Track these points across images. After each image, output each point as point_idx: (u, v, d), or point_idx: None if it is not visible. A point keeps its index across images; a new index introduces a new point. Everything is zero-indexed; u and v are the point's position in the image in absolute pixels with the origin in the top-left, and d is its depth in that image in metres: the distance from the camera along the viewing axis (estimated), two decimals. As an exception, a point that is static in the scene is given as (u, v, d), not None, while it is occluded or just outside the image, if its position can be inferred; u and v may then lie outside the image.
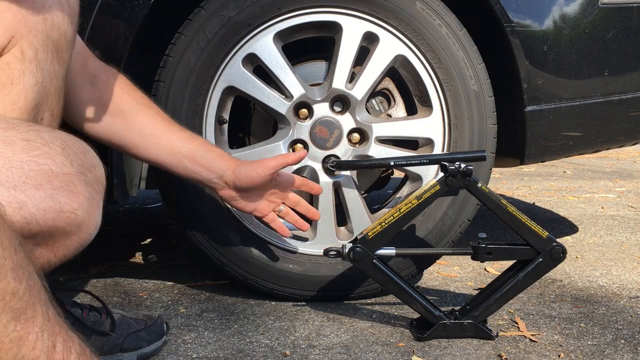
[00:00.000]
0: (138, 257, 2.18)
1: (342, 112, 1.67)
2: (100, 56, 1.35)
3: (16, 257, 0.63)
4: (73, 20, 1.07)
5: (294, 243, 1.69)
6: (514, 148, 1.83)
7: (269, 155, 1.65)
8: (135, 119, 1.34)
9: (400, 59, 1.67)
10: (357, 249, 1.44)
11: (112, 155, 1.62)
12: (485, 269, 2.04)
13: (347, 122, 1.67)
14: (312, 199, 1.70)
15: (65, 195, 0.87)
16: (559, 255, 1.45)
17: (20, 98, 0.99)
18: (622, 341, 1.46)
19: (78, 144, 0.96)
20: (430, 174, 1.69)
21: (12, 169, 0.82)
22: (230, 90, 1.64)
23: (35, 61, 0.99)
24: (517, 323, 1.55)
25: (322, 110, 1.66)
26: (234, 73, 1.63)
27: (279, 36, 1.64)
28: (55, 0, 1.03)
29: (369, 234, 1.45)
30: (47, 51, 1.01)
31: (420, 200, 1.45)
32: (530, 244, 1.45)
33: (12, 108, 0.98)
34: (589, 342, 1.45)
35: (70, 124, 1.30)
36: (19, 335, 0.62)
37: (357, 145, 1.69)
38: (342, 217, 1.71)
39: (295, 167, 1.66)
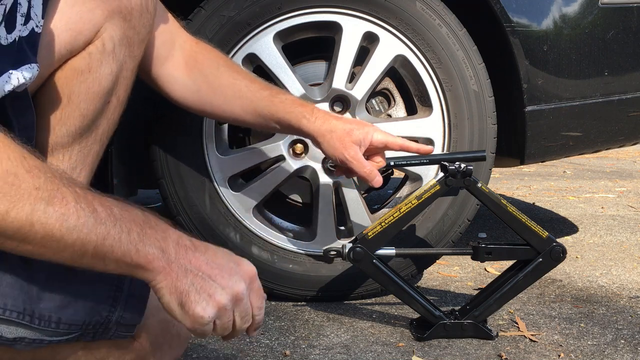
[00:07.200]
0: (138, 257, 2.17)
1: (342, 112, 1.67)
2: None
3: (26, 162, 0.72)
4: (149, 22, 1.19)
5: (294, 243, 1.69)
6: (514, 148, 1.83)
7: (270, 155, 1.65)
8: (219, 83, 1.37)
9: (400, 59, 1.67)
10: (357, 249, 1.44)
11: (112, 155, 1.62)
12: (485, 269, 2.04)
13: (347, 122, 1.67)
14: (313, 198, 1.70)
15: None
16: (559, 255, 1.45)
17: (94, 85, 1.10)
18: (622, 341, 1.46)
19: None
20: (430, 174, 1.69)
21: None
22: (230, 90, 1.64)
23: (112, 54, 1.11)
24: (517, 323, 1.55)
25: (322, 110, 1.66)
26: (234, 73, 1.62)
27: (279, 36, 1.64)
28: (137, 2, 1.14)
29: (369, 234, 1.45)
30: (123, 46, 1.13)
31: (420, 200, 1.45)
32: (530, 244, 1.45)
33: (86, 92, 1.10)
34: (589, 342, 1.45)
35: (160, 93, 1.38)
36: (61, 213, 0.73)
37: (357, 145, 1.68)
38: (342, 217, 1.71)
39: (296, 167, 1.66)
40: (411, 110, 1.75)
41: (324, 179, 1.67)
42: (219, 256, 0.87)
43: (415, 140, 1.72)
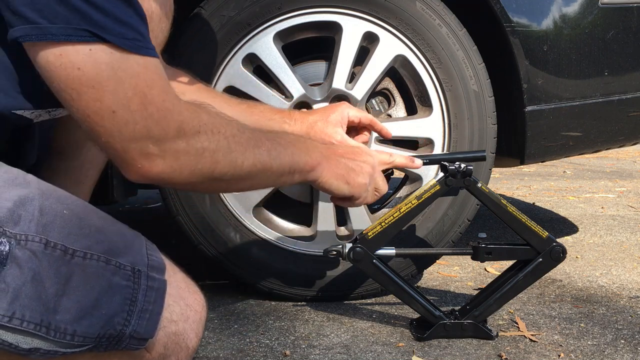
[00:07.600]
0: (138, 257, 2.17)
1: (342, 112, 1.67)
2: None
3: (234, 124, 0.97)
4: (166, 28, 1.25)
5: (293, 243, 1.69)
6: (514, 148, 1.83)
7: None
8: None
9: (400, 59, 1.67)
10: (357, 249, 1.44)
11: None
12: (485, 269, 2.04)
13: (347, 122, 1.66)
14: (312, 198, 1.70)
15: None
16: (559, 255, 1.45)
17: None
18: (622, 341, 1.46)
19: None
20: (430, 174, 1.69)
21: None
22: (230, 90, 1.64)
23: None
24: (517, 323, 1.55)
25: (322, 110, 1.66)
26: (234, 73, 1.63)
27: (279, 36, 1.64)
28: (157, 7, 1.19)
29: (369, 234, 1.45)
30: None
31: (420, 200, 1.45)
32: (530, 244, 1.45)
33: None
34: (589, 342, 1.45)
35: None
36: (267, 149, 1.00)
37: (357, 145, 1.68)
38: (342, 217, 1.71)
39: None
40: (411, 110, 1.75)
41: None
42: (345, 145, 1.24)
43: (415, 140, 1.73)
